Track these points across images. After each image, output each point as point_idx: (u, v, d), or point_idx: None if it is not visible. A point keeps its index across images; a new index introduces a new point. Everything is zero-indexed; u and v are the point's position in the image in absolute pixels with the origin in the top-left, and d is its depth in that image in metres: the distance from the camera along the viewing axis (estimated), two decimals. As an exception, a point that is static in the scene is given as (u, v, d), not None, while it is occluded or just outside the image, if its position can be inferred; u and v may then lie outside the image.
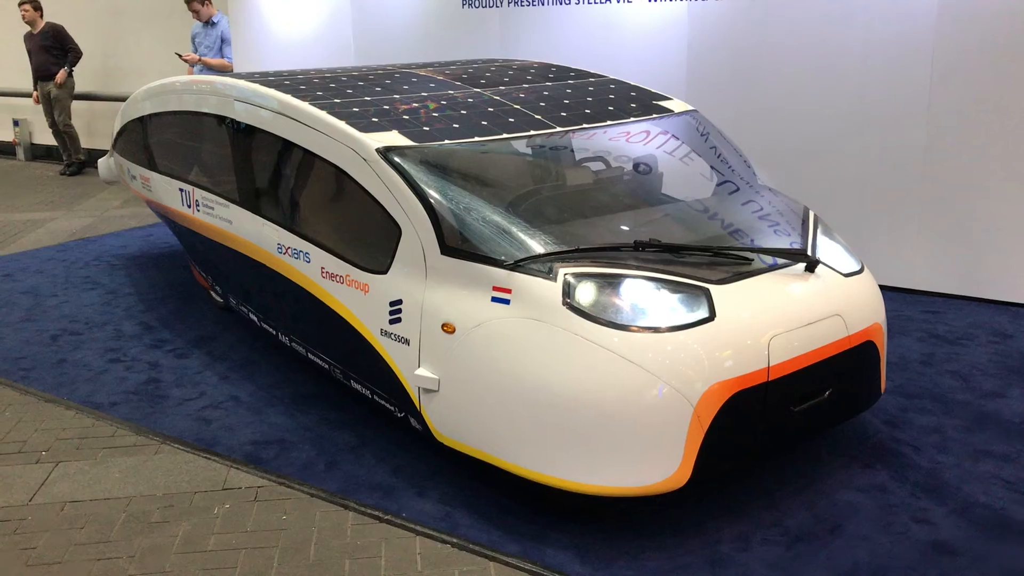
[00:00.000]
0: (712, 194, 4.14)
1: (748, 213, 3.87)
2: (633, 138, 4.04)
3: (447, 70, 4.85)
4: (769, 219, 3.80)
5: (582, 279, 3.12)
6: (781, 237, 3.66)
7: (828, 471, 3.56)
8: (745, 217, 3.83)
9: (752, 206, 3.95)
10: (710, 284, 3.18)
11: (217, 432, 4.03)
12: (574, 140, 4.06)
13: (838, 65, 5.55)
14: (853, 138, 5.61)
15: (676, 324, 3.03)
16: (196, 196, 4.85)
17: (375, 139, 3.57)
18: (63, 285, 6.31)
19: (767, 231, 3.70)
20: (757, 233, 3.68)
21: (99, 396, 4.44)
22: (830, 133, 5.68)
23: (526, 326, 3.10)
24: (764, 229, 3.72)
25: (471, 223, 3.34)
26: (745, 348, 3.07)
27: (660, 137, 4.17)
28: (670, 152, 4.17)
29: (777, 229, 3.71)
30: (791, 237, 3.65)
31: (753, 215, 3.85)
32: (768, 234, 3.67)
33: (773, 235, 3.67)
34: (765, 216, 3.84)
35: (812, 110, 5.70)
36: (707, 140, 4.33)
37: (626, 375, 2.96)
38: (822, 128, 5.69)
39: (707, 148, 4.31)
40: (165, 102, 5.16)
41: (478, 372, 3.20)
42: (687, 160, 4.19)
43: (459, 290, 3.29)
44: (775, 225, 3.76)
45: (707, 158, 4.27)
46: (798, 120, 5.75)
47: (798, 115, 5.75)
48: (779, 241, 3.62)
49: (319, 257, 3.85)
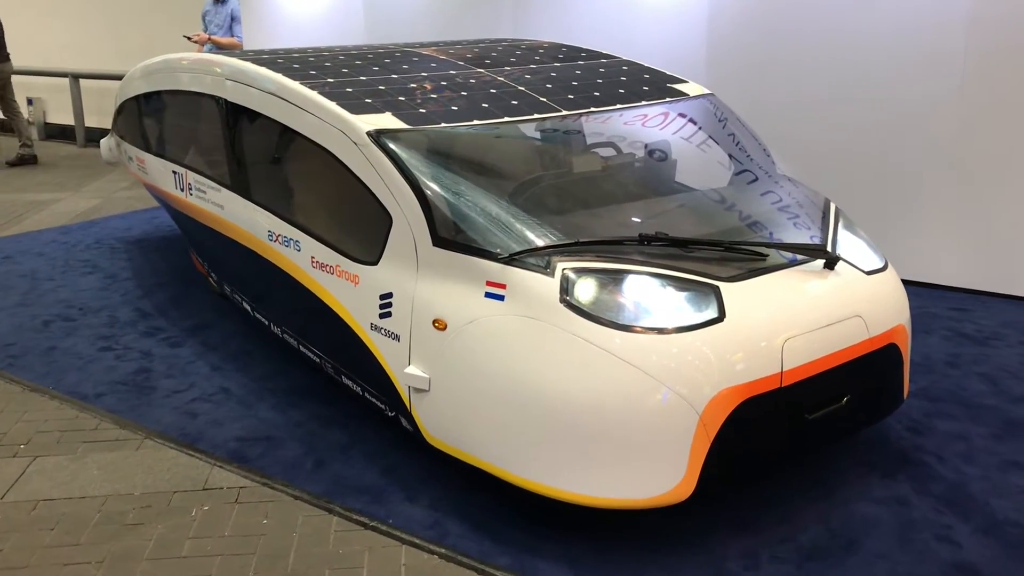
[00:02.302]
0: (728, 183, 3.90)
1: (766, 204, 3.64)
2: (650, 122, 3.80)
3: (451, 49, 4.63)
4: (788, 211, 3.56)
5: (581, 275, 2.90)
6: (800, 230, 3.42)
7: (844, 481, 3.34)
8: (763, 208, 3.59)
9: (770, 197, 3.72)
10: (720, 282, 2.95)
11: (203, 427, 3.85)
12: (586, 124, 3.83)
13: (867, 51, 5.27)
14: (880, 126, 5.34)
15: (682, 325, 2.81)
16: (189, 179, 4.67)
17: (366, 121, 3.36)
18: (62, 268, 6.16)
19: (785, 224, 3.47)
20: (775, 226, 3.45)
21: (86, 386, 4.28)
22: (855, 121, 5.40)
23: (521, 324, 2.89)
24: (782, 222, 3.48)
25: (465, 213, 3.13)
26: (757, 351, 2.85)
27: (677, 121, 3.93)
28: (685, 138, 3.93)
29: (796, 222, 3.48)
30: (810, 231, 3.42)
31: (771, 206, 3.62)
32: (786, 227, 3.44)
33: (792, 228, 3.43)
34: (784, 208, 3.61)
35: (837, 97, 5.41)
36: (724, 126, 4.09)
37: (627, 379, 2.75)
38: (847, 116, 5.41)
39: (724, 134, 4.07)
40: (159, 80, 4.97)
41: (470, 372, 3.00)
42: (703, 147, 3.95)
43: (451, 284, 3.08)
44: (794, 218, 3.52)
45: (724, 145, 4.02)
46: (822, 108, 5.47)
47: (823, 102, 5.46)
48: (797, 235, 3.39)
49: (309, 246, 3.65)
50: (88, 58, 10.97)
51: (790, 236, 3.37)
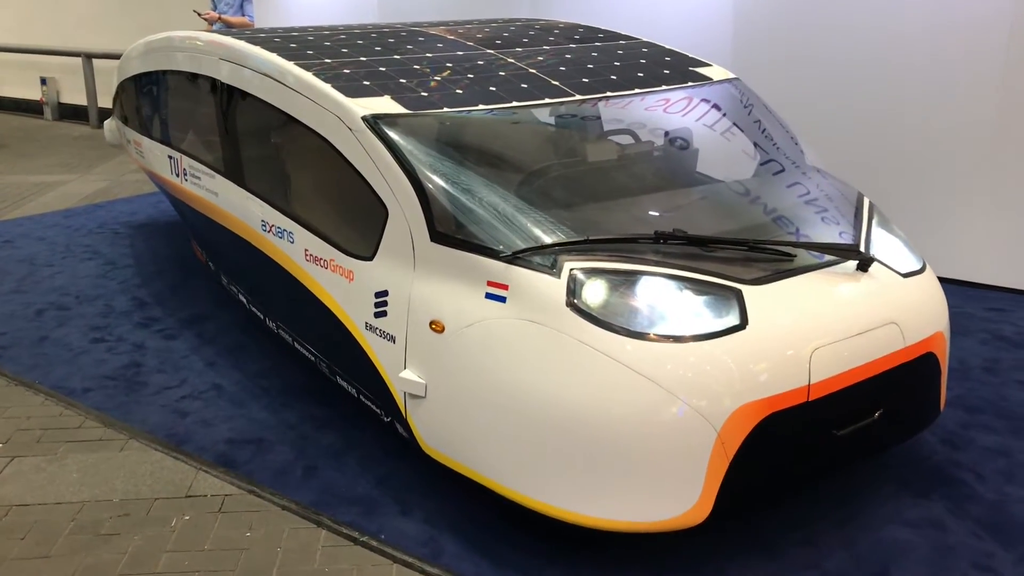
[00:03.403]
0: (753, 175, 3.63)
1: (793, 198, 3.37)
2: (671, 108, 3.53)
3: (460, 29, 4.37)
4: (817, 206, 3.29)
5: (590, 276, 2.65)
6: (830, 227, 3.16)
7: (873, 500, 3.08)
8: (789, 203, 3.32)
9: (798, 190, 3.45)
10: (742, 284, 2.69)
11: (192, 427, 3.65)
12: (602, 110, 3.56)
13: (904, 40, 4.95)
14: (915, 115, 5.03)
15: (701, 332, 2.56)
16: (184, 164, 4.45)
17: (363, 105, 3.12)
18: (62, 254, 5.97)
19: (814, 220, 3.20)
20: (803, 222, 3.18)
21: (73, 380, 4.08)
22: (890, 109, 5.09)
23: (524, 329, 2.65)
24: (811, 217, 3.22)
25: (466, 206, 2.89)
26: (782, 362, 2.59)
27: (700, 107, 3.66)
28: (708, 125, 3.66)
29: (826, 217, 3.21)
30: (841, 228, 3.15)
31: (798, 200, 3.35)
32: (815, 223, 3.17)
33: (821, 224, 3.17)
34: (812, 202, 3.34)
35: (872, 84, 5.10)
36: (750, 113, 3.82)
37: (639, 391, 2.50)
38: (881, 103, 5.10)
39: (750, 122, 3.80)
40: (157, 60, 4.75)
41: (468, 379, 2.77)
42: (727, 135, 3.68)
43: (450, 283, 2.84)
44: (823, 212, 3.25)
45: (749, 133, 3.75)
46: (855, 94, 5.16)
47: (856, 88, 5.15)
48: (827, 233, 3.12)
49: (303, 238, 3.42)
50: (102, 37, 10.79)
51: (819, 234, 3.11)
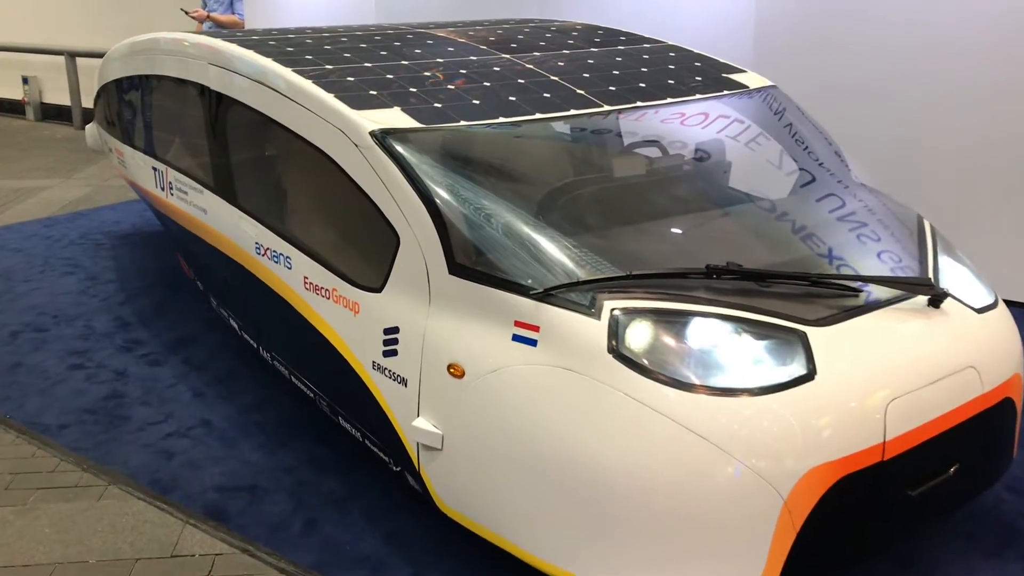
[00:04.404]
0: (793, 194, 3.30)
1: (844, 226, 3.03)
2: (706, 120, 3.20)
3: (471, 31, 4.03)
4: (870, 233, 2.95)
5: (634, 317, 2.32)
6: (888, 256, 2.83)
7: (939, 560, 2.76)
8: (842, 233, 2.98)
9: (844, 211, 3.12)
10: (807, 326, 2.36)
11: (179, 471, 3.30)
12: (629, 122, 3.23)
13: (950, 31, 4.58)
14: (966, 120, 4.61)
15: (763, 384, 2.23)
16: (170, 177, 4.09)
17: (370, 118, 2.78)
18: (40, 268, 5.61)
19: (868, 248, 2.87)
20: (855, 251, 2.85)
21: (49, 415, 3.73)
22: (936, 115, 4.66)
23: (557, 377, 2.32)
24: (865, 245, 2.89)
25: (490, 234, 2.55)
26: (855, 417, 2.26)
27: (736, 119, 3.34)
28: (747, 140, 3.33)
29: (882, 246, 2.87)
30: (902, 257, 2.82)
31: (850, 227, 3.01)
32: (869, 252, 2.84)
33: (876, 253, 2.84)
34: (860, 226, 3.00)
35: (915, 87, 4.70)
36: (790, 126, 3.49)
37: (691, 453, 2.17)
38: (927, 109, 4.68)
39: (788, 135, 3.47)
40: (140, 63, 4.39)
41: (492, 432, 2.43)
42: (768, 150, 3.35)
43: (471, 322, 2.50)
44: (876, 240, 2.92)
45: (791, 148, 3.42)
46: (895, 99, 4.76)
47: (896, 93, 4.75)
48: (886, 262, 2.80)
49: (302, 264, 3.08)
50: (86, 34, 10.41)
51: (874, 262, 2.78)
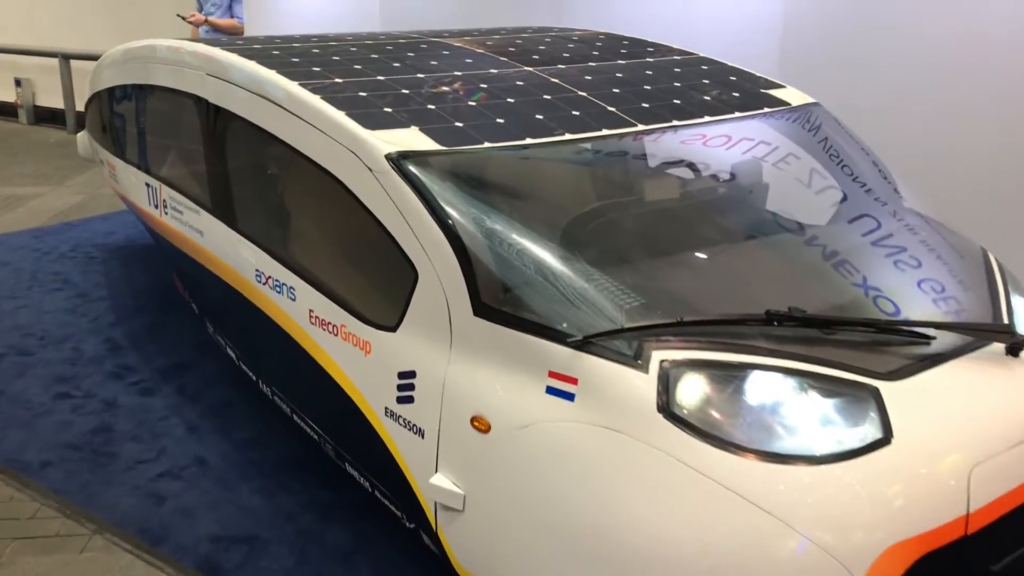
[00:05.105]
0: (845, 224, 3.01)
1: (900, 265, 2.76)
2: (752, 140, 2.92)
3: (489, 40, 3.76)
4: (943, 275, 2.66)
5: (687, 370, 2.05)
6: (951, 296, 2.57)
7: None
8: (899, 279, 2.69)
9: (891, 242, 2.84)
10: (878, 380, 2.09)
11: (170, 518, 3.03)
12: (664, 143, 2.96)
13: (995, 42, 4.29)
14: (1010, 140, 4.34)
15: (834, 451, 1.96)
16: (164, 195, 3.82)
17: (386, 140, 2.51)
18: (27, 283, 5.33)
19: (924, 287, 2.60)
20: (911, 290, 2.58)
21: (30, 451, 3.46)
22: (978, 134, 4.37)
23: (597, 437, 2.05)
24: (921, 284, 2.62)
25: (520, 271, 2.28)
26: (936, 486, 2.00)
27: (780, 139, 3.08)
28: (790, 163, 3.07)
29: (942, 287, 2.60)
30: (972, 299, 2.56)
31: (902, 263, 2.74)
32: (924, 291, 2.57)
33: (935, 292, 2.57)
34: (909, 259, 2.73)
35: (955, 103, 4.38)
36: (834, 146, 3.22)
37: (756, 529, 1.90)
38: (968, 127, 4.36)
39: (836, 160, 3.20)
40: (134, 72, 4.11)
41: (522, 494, 2.16)
42: (816, 176, 3.07)
43: (498, 370, 2.24)
44: (931, 280, 2.64)
45: (837, 173, 3.15)
46: (934, 115, 4.44)
47: (935, 109, 4.43)
48: (948, 303, 2.53)
49: (307, 296, 2.81)
50: (81, 36, 10.13)
51: (932, 303, 2.51)
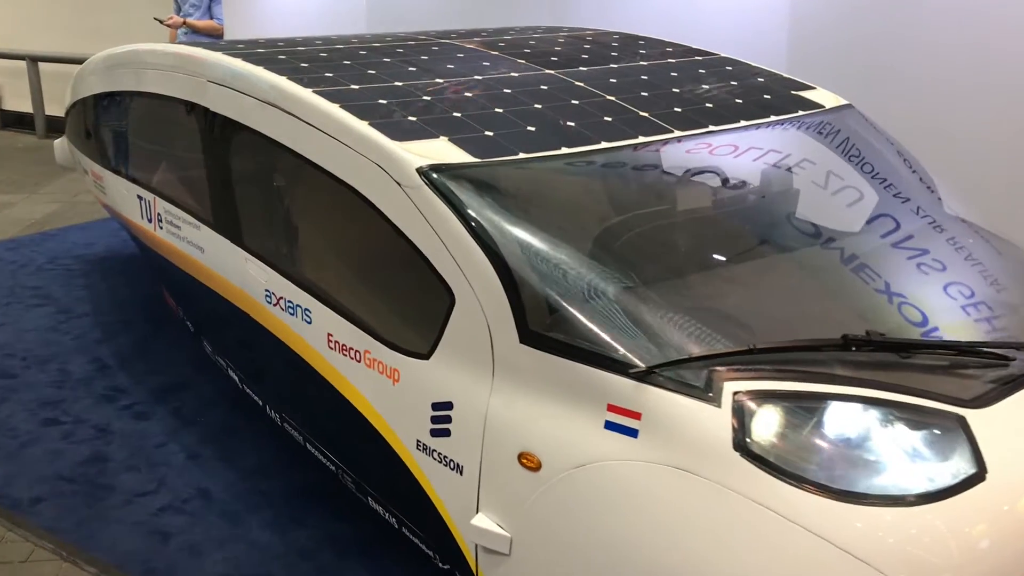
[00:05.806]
0: (875, 233, 2.86)
1: (931, 263, 2.61)
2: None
3: (501, 41, 3.58)
4: (993, 288, 2.53)
5: (764, 403, 1.88)
6: (1007, 309, 2.43)
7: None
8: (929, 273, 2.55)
9: (928, 254, 2.70)
10: (964, 408, 1.94)
11: (176, 557, 2.83)
12: (700, 150, 2.79)
13: (1007, 35, 4.17)
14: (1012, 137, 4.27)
15: (926, 489, 1.80)
16: (158, 208, 3.59)
17: (415, 151, 2.32)
18: (5, 299, 5.07)
19: (988, 306, 2.46)
20: (979, 305, 2.44)
21: (19, 485, 3.23)
22: (1001, 135, 4.27)
23: (664, 477, 1.88)
24: (985, 302, 2.48)
25: (573, 294, 2.10)
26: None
27: (816, 143, 2.93)
28: (830, 167, 2.91)
29: (991, 305, 2.45)
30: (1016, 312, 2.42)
31: (930, 267, 2.60)
32: (988, 311, 2.43)
33: (989, 308, 2.43)
34: (957, 274, 2.59)
35: (964, 99, 4.31)
36: (870, 149, 3.07)
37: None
38: (982, 123, 4.28)
39: (868, 161, 3.05)
40: (120, 79, 3.87)
41: (579, 540, 1.99)
42: (851, 179, 2.93)
43: (549, 403, 2.06)
44: (972, 302, 2.49)
45: (873, 176, 3.00)
46: (940, 114, 4.37)
47: (940, 108, 4.37)
48: (1005, 316, 2.39)
49: (325, 318, 2.61)
50: (50, 38, 9.81)
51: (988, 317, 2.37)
